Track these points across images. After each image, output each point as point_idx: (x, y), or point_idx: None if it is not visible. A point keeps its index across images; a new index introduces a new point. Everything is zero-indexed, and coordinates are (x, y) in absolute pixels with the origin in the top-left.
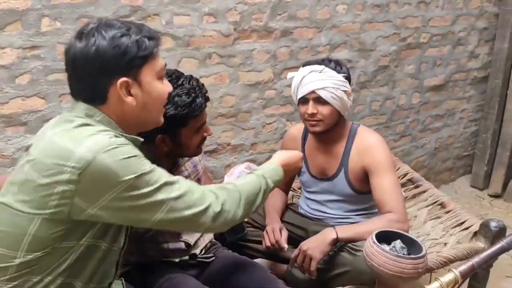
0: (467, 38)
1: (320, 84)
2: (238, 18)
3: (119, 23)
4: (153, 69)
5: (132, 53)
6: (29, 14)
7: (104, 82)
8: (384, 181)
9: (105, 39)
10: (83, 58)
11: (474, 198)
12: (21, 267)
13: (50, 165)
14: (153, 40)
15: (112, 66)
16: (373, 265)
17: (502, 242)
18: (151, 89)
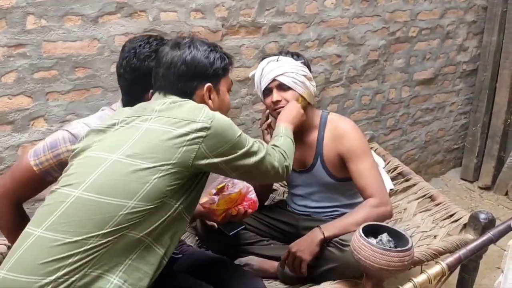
0: (456, 31)
1: (279, 71)
2: (226, 14)
3: (208, 41)
4: (227, 82)
5: (217, 65)
6: (14, 12)
7: (194, 83)
8: (362, 166)
9: (199, 51)
10: (180, 63)
11: (464, 190)
12: (126, 218)
13: (183, 118)
14: (230, 59)
15: (202, 72)
16: (360, 259)
17: (488, 233)
18: (224, 97)
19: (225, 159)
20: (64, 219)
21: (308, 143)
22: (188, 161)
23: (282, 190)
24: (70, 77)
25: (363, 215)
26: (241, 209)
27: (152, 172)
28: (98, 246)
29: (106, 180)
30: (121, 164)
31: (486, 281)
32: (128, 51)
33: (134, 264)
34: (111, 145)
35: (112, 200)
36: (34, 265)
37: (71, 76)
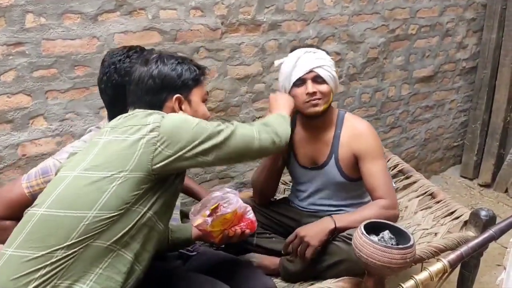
0: (455, 29)
1: (318, 63)
2: (225, 12)
3: (176, 55)
4: (200, 93)
5: (186, 76)
6: (13, 10)
7: (163, 96)
8: (375, 167)
9: (166, 65)
10: (148, 76)
11: (464, 188)
12: (89, 228)
13: (135, 125)
14: (200, 69)
15: (170, 84)
16: (362, 256)
17: (490, 231)
18: (198, 108)
19: (189, 148)
20: (30, 237)
21: (323, 140)
22: (147, 164)
23: (282, 187)
24: (69, 76)
25: (373, 214)
26: (238, 230)
27: (109, 180)
28: (64, 258)
29: (66, 195)
30: (80, 178)
31: (486, 278)
32: (108, 67)
33: (105, 273)
34: (74, 163)
35: (73, 212)
36: (6, 281)
37: (70, 74)
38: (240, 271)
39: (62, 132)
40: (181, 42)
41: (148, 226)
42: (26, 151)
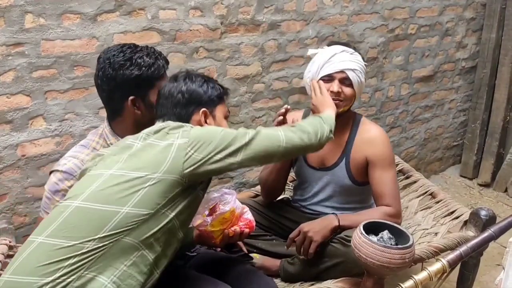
0: (455, 28)
1: (351, 65)
2: (224, 12)
3: (203, 74)
4: (223, 109)
5: (211, 93)
6: (12, 10)
7: (190, 109)
8: (385, 175)
9: (194, 82)
10: (177, 91)
11: (463, 187)
12: (121, 224)
13: (166, 132)
14: (225, 89)
15: (198, 99)
16: (361, 256)
17: (489, 230)
18: (221, 123)
19: (218, 150)
20: (63, 226)
21: (336, 141)
22: (179, 167)
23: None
24: (69, 76)
25: (377, 218)
26: (237, 229)
27: (143, 180)
28: (94, 249)
29: (101, 190)
30: (115, 176)
31: (486, 278)
32: (103, 62)
33: (129, 271)
34: (109, 163)
35: (107, 207)
36: (34, 267)
37: (70, 74)
38: (242, 271)
39: (62, 133)
40: (181, 42)
41: (171, 232)
42: (25, 152)
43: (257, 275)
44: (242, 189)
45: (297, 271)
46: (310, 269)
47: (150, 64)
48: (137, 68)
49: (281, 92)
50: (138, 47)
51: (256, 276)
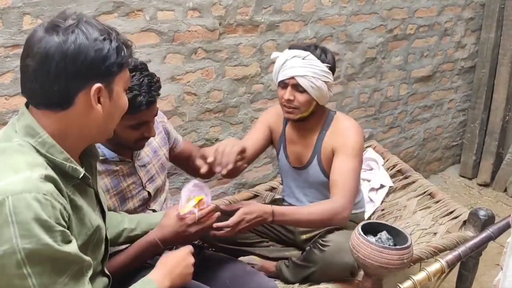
0: (454, 28)
1: (301, 72)
2: (223, 13)
3: (100, 25)
4: (124, 79)
5: (112, 60)
6: (10, 12)
7: (77, 85)
8: (343, 164)
9: (87, 40)
10: (60, 55)
11: (463, 187)
12: None
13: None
14: (128, 49)
15: (90, 70)
16: (359, 257)
17: (488, 230)
18: (119, 99)
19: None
20: None
21: (308, 141)
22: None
23: (281, 188)
24: None
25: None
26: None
27: None
28: None
29: None
30: None
31: (485, 278)
32: None
33: None
34: None
35: None
36: None
37: None
38: (243, 273)
39: None
40: (179, 43)
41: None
42: None
43: (257, 276)
44: (241, 189)
45: (290, 274)
46: (301, 272)
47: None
48: None
49: None
50: (136, 73)
51: (256, 277)
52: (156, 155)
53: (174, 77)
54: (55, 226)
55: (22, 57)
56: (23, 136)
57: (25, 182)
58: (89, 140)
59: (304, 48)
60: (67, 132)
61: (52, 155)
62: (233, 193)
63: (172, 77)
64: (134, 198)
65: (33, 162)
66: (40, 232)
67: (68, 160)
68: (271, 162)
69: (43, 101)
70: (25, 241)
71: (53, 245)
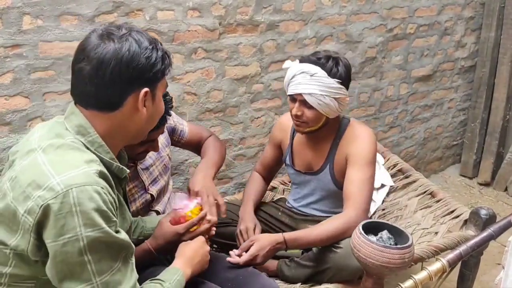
0: (454, 27)
1: (308, 89)
2: (223, 12)
3: (147, 35)
4: (164, 85)
5: (158, 67)
6: (10, 12)
7: (127, 89)
8: (356, 175)
9: (139, 47)
10: (115, 61)
11: (463, 187)
12: None
13: (23, 188)
14: (169, 58)
15: (140, 75)
16: (360, 256)
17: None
18: (159, 104)
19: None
20: None
21: (320, 149)
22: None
23: (282, 188)
24: (67, 77)
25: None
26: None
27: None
28: None
29: None
30: None
31: (486, 277)
32: None
33: None
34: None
35: None
36: None
37: (68, 76)
38: (245, 273)
39: None
40: (179, 43)
41: None
42: None
43: (259, 277)
44: (241, 189)
45: (292, 273)
46: (304, 272)
47: None
48: None
49: (280, 93)
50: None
51: (259, 278)
52: (159, 156)
53: (174, 77)
54: (112, 216)
55: (75, 61)
56: (75, 133)
57: (85, 175)
58: (129, 141)
59: (315, 62)
60: (113, 132)
61: (100, 154)
62: (234, 193)
63: (172, 77)
64: (137, 201)
65: (88, 158)
66: (101, 222)
67: (114, 159)
68: None
69: (95, 103)
70: (88, 229)
71: (111, 233)
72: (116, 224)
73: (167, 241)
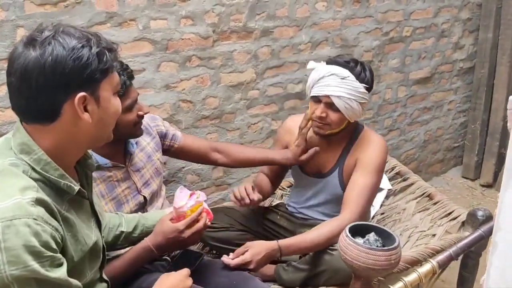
0: (451, 29)
1: (337, 92)
2: (216, 20)
3: (78, 32)
4: (111, 84)
5: (93, 67)
6: (3, 25)
7: (60, 97)
8: (360, 180)
9: (64, 50)
10: (38, 69)
11: (466, 189)
12: None
13: None
14: (112, 53)
15: (71, 80)
16: (347, 258)
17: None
18: (109, 105)
19: None
20: None
21: (332, 150)
22: None
23: (280, 193)
24: None
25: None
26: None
27: None
28: None
29: None
30: None
31: None
32: None
33: None
34: None
35: None
36: None
37: None
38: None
39: None
40: (173, 51)
41: None
42: None
43: (253, 281)
44: None
45: (289, 277)
46: (301, 276)
47: None
48: None
49: (276, 98)
50: None
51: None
52: (150, 160)
53: (169, 85)
54: (44, 251)
55: (6, 74)
56: (18, 153)
57: (16, 207)
58: (85, 148)
59: (344, 65)
60: (61, 145)
61: (47, 172)
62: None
63: (166, 85)
64: (130, 202)
65: (23, 185)
66: (28, 259)
67: (63, 177)
68: None
69: (31, 116)
70: (12, 267)
71: (39, 271)
72: (52, 258)
73: (166, 238)
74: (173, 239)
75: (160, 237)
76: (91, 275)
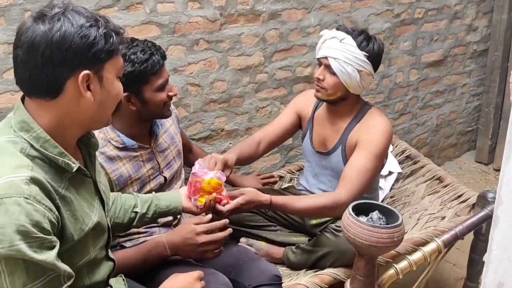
0: (464, 11)
1: (334, 53)
2: (223, 3)
3: (87, 12)
4: (115, 66)
5: (99, 46)
6: (12, 9)
7: (64, 73)
8: (360, 160)
9: (73, 26)
10: (45, 43)
11: (479, 173)
12: None
13: None
14: (118, 36)
15: (76, 57)
16: (350, 236)
17: (486, 209)
18: (111, 87)
19: None
20: None
21: (336, 128)
22: None
23: (289, 176)
24: None
25: (314, 204)
26: (215, 196)
27: None
28: None
29: None
30: None
31: None
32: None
33: None
34: None
35: None
36: None
37: None
38: (245, 258)
39: None
40: (180, 35)
41: None
42: None
43: (260, 261)
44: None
45: (298, 259)
46: (309, 258)
47: (144, 60)
48: (130, 65)
49: (285, 82)
50: (135, 42)
51: (258, 263)
52: (173, 142)
53: (177, 69)
54: (33, 232)
55: (13, 47)
56: (18, 130)
57: (7, 186)
58: (84, 129)
59: (348, 31)
60: (61, 122)
61: (46, 150)
62: None
63: (174, 69)
64: (152, 182)
65: (17, 164)
66: (15, 238)
67: (62, 154)
68: (278, 152)
69: (35, 90)
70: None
71: (25, 251)
72: (41, 239)
73: (181, 237)
74: (187, 240)
75: (176, 234)
76: (95, 252)
